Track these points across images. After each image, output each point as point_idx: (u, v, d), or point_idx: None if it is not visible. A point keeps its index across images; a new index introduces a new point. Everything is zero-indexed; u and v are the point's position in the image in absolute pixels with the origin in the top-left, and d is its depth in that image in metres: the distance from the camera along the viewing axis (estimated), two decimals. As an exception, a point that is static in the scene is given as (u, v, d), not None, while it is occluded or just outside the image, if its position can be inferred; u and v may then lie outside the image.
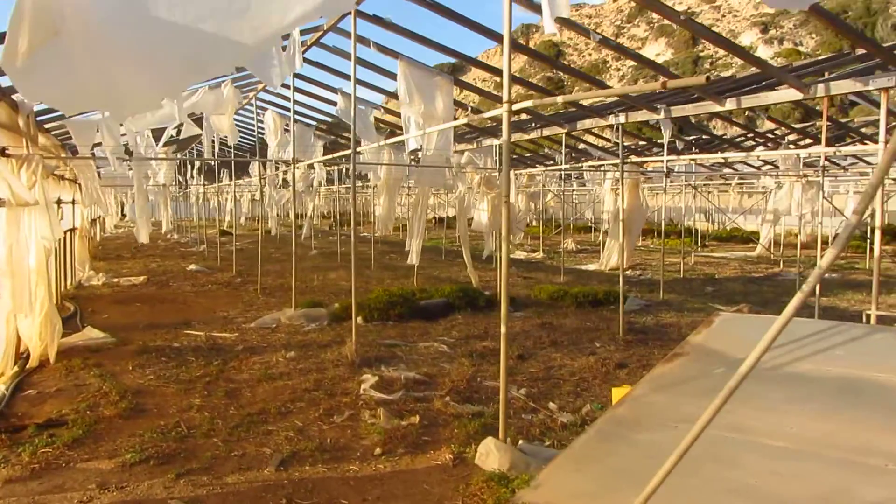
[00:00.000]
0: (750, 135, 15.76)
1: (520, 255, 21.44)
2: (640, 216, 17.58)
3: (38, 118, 7.72)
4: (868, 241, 18.08)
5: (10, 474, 4.28)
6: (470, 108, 9.66)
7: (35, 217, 6.54)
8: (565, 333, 8.70)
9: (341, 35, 7.94)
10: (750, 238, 25.25)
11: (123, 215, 36.08)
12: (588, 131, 11.66)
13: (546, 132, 9.59)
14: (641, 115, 7.71)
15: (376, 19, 7.14)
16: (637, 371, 6.92)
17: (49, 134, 9.20)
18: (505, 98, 4.05)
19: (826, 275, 16.49)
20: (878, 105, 5.89)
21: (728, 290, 13.70)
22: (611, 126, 8.54)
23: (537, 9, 5.89)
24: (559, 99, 4.49)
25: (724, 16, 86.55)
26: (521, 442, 4.75)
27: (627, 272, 17.29)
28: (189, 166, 23.55)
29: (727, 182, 23.78)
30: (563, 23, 6.08)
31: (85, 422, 5.26)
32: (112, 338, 8.42)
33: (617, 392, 5.87)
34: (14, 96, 6.21)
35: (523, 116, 10.60)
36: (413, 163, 10.87)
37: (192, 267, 16.79)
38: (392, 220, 13.93)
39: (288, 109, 13.48)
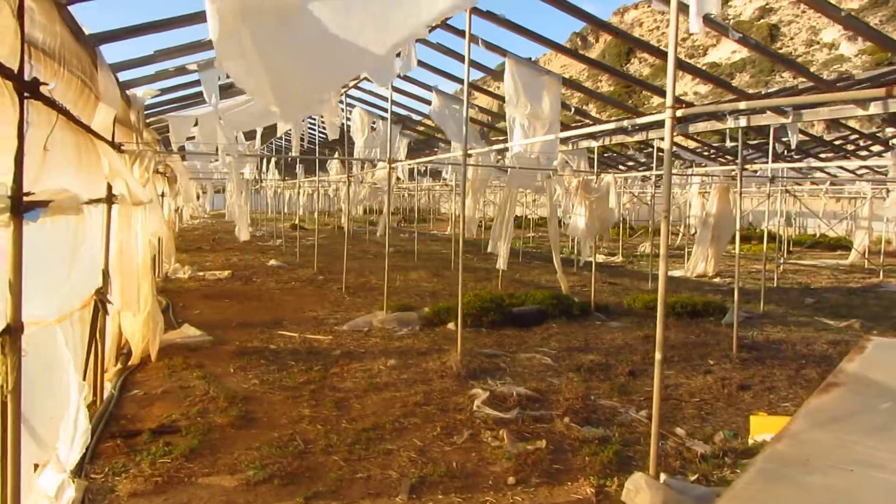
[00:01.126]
0: (853, 137, 14.92)
1: (598, 258, 20.89)
2: (730, 222, 16.87)
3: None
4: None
5: (135, 487, 4.15)
6: (573, 109, 9.29)
7: (145, 213, 6.49)
8: (673, 348, 8.25)
9: (448, 31, 7.66)
10: (838, 245, 24.10)
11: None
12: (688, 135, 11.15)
13: (654, 134, 9.14)
14: (766, 119, 7.20)
15: (490, 15, 6.84)
16: (762, 394, 6.45)
17: (150, 128, 9.22)
18: (669, 102, 3.69)
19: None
20: None
21: (829, 302, 12.94)
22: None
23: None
24: (740, 105, 4.12)
25: (804, 12, 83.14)
26: (664, 477, 4.38)
27: (716, 280, 16.65)
28: (266, 161, 23.80)
29: (818, 186, 22.68)
30: (706, 22, 5.68)
31: (198, 430, 5.13)
32: (209, 336, 8.38)
33: (756, 421, 5.45)
34: (128, 91, 6.14)
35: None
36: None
37: (273, 262, 16.85)
38: (477, 221, 13.68)
39: (376, 106, 13.39)
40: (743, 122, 7.34)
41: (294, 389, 6.32)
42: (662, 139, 12.06)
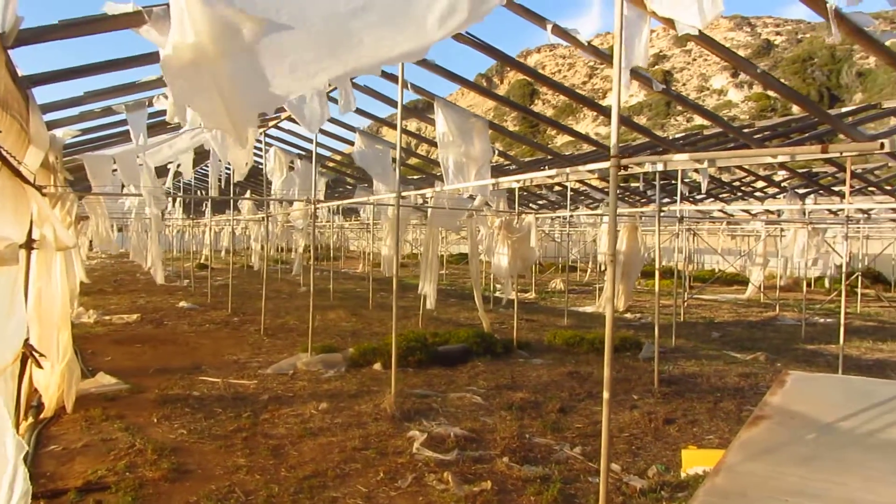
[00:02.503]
0: (748, 179, 15.92)
1: (512, 295, 21.25)
2: (639, 259, 17.64)
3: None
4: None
5: (67, 552, 3.91)
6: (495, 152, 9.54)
7: (63, 259, 6.19)
8: (597, 384, 8.48)
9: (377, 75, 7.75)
10: (734, 280, 25.47)
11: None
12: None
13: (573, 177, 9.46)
14: (683, 164, 7.60)
15: (422, 61, 6.97)
16: (686, 428, 6.72)
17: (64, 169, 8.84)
18: (613, 152, 3.88)
19: (820, 319, 16.62)
20: None
21: (734, 335, 13.63)
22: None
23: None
24: (675, 157, 4.36)
25: (694, 59, 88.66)
26: (609, 513, 4.50)
27: (626, 315, 17.25)
28: (172, 200, 23.12)
29: (716, 225, 23.97)
30: (633, 75, 6.00)
31: (129, 486, 4.88)
32: (125, 384, 8.00)
33: (687, 455, 5.66)
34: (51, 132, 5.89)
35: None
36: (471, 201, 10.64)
37: (183, 304, 16.29)
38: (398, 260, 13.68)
39: (292, 145, 13.31)
40: (660, 166, 7.73)
41: (225, 438, 6.11)
42: (579, 182, 12.51)
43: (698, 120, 73.99)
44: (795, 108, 61.25)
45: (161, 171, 12.75)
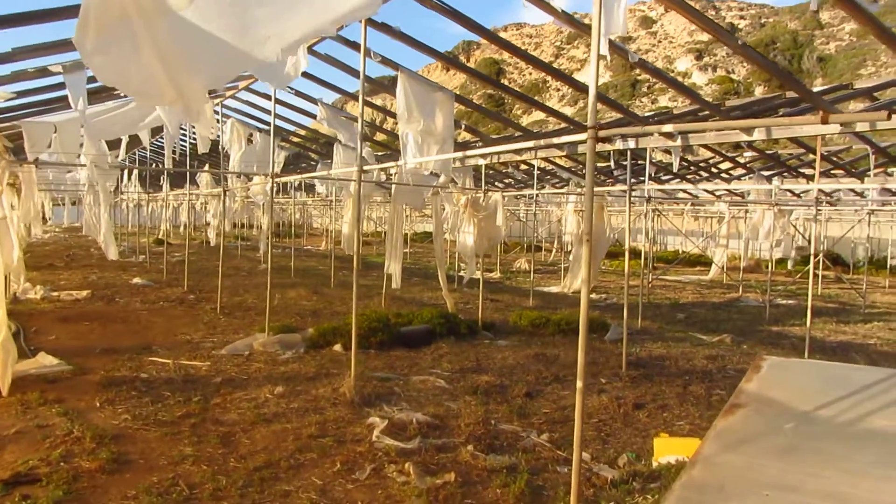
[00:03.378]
0: (714, 160, 15.85)
1: (477, 275, 21.00)
2: (605, 239, 17.47)
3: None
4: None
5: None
6: (463, 127, 9.20)
7: (-5, 232, 5.72)
8: (564, 367, 8.27)
9: (340, 42, 7.34)
10: (697, 261, 25.59)
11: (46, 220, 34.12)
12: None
13: (542, 153, 9.18)
14: (653, 142, 7.37)
15: (385, 28, 6.59)
16: (656, 413, 6.53)
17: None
18: (590, 123, 3.57)
19: (783, 301, 16.69)
20: None
21: (698, 317, 13.58)
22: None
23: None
24: (663, 128, 4.08)
25: (659, 42, 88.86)
26: (581, 507, 4.25)
27: (592, 296, 17.11)
28: (128, 173, 22.35)
29: (680, 206, 23.98)
30: (612, 47, 5.70)
31: (62, 478, 4.49)
32: (68, 365, 7.55)
33: (659, 443, 5.45)
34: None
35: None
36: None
37: (137, 280, 15.71)
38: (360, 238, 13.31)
39: (252, 118, 12.79)
40: (631, 143, 7.48)
41: (172, 424, 5.74)
42: (545, 159, 12.25)
43: (663, 101, 74.37)
44: (758, 91, 61.73)
45: (114, 143, 12.16)
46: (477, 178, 12.53)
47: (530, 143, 4.47)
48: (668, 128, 4.00)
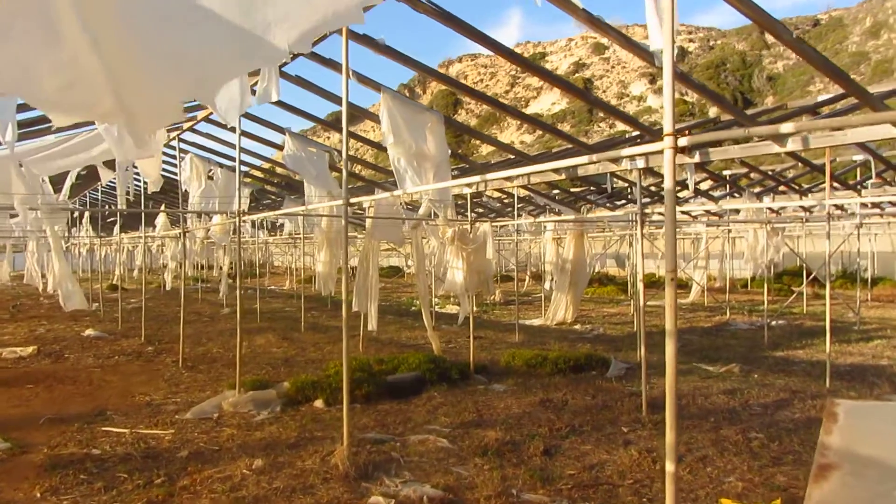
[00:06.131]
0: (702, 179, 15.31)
1: (452, 309, 20.14)
2: (586, 268, 16.80)
3: None
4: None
5: None
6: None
7: None
8: (577, 414, 7.41)
9: (314, 61, 6.49)
10: (679, 284, 25.07)
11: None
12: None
13: (535, 179, 8.42)
14: (740, 151, 6.63)
15: (368, 41, 5.77)
16: (697, 468, 5.69)
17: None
18: (668, 129, 2.77)
19: (773, 322, 16.11)
20: None
21: (695, 344, 12.87)
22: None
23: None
24: (777, 130, 3.29)
25: (613, 67, 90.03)
26: None
27: (576, 327, 16.36)
28: (79, 216, 21.08)
29: (659, 230, 23.49)
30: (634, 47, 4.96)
31: None
32: (4, 442, 6.45)
33: (726, 510, 4.62)
34: None
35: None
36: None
37: (90, 332, 14.48)
38: (335, 277, 12.38)
39: (216, 153, 11.84)
40: (640, 163, 6.76)
41: (130, 520, 4.72)
42: (520, 187, 11.49)
43: (620, 126, 74.93)
44: (712, 112, 62.61)
45: (59, 180, 11.08)
46: (458, 208, 11.73)
47: (584, 159, 3.73)
48: (787, 127, 3.18)
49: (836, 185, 12.22)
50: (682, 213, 17.75)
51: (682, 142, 2.76)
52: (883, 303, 20.72)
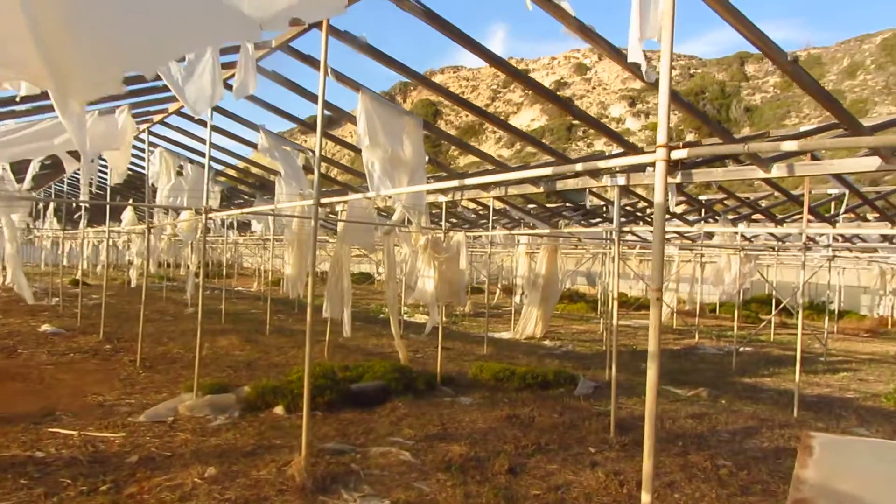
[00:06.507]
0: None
1: (421, 318, 19.92)
2: (558, 283, 16.73)
3: None
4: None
5: None
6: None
7: None
8: (543, 431, 7.25)
9: (292, 56, 6.30)
10: (641, 305, 25.13)
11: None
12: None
13: (513, 190, 8.27)
14: (648, 178, 6.56)
15: (349, 38, 5.59)
16: (666, 494, 5.56)
17: None
18: (661, 140, 2.64)
19: (741, 348, 16.14)
20: None
21: (663, 367, 12.63)
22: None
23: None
24: (779, 147, 3.16)
25: (594, 88, 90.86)
26: None
27: (545, 342, 16.26)
28: (44, 208, 20.56)
29: (631, 250, 23.54)
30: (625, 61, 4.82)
31: None
32: (-57, 441, 6.12)
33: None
34: None
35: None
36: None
37: (46, 327, 14.00)
38: (303, 280, 12.11)
39: (185, 147, 11.56)
40: (621, 180, 6.65)
41: (69, 528, 4.44)
42: (496, 198, 11.35)
43: (598, 145, 75.47)
44: (689, 138, 63.37)
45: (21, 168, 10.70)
46: (433, 217, 11.56)
47: (576, 167, 3.57)
48: (789, 145, 3.04)
49: (810, 217, 12.28)
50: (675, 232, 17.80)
51: (677, 154, 2.63)
52: (848, 336, 20.94)
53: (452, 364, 11.54)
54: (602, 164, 3.59)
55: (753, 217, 13.53)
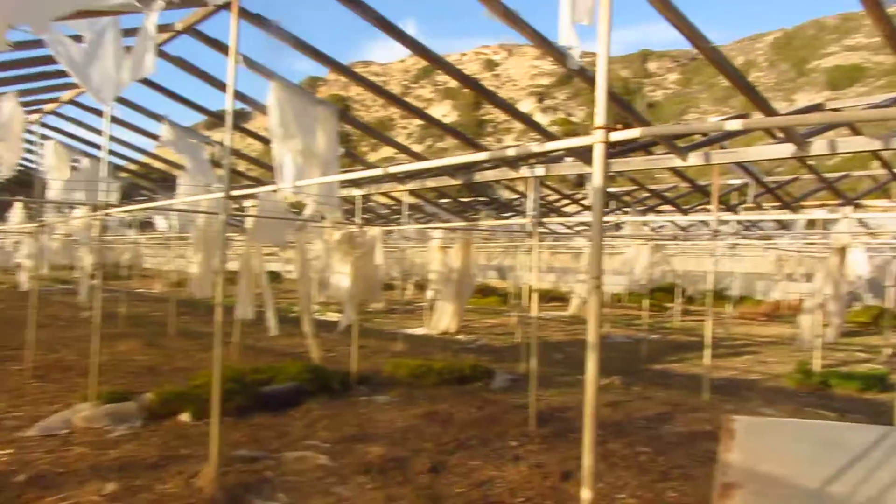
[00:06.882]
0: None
1: (333, 316, 19.53)
2: (472, 278, 16.71)
3: None
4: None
5: None
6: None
7: None
8: (464, 427, 7.13)
9: (198, 40, 5.90)
10: (551, 297, 25.56)
11: None
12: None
13: (431, 183, 8.11)
14: (566, 168, 6.53)
15: (260, 21, 5.27)
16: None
17: None
18: (599, 121, 2.53)
19: (650, 336, 16.60)
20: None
21: (576, 357, 12.86)
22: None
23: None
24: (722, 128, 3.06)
25: (503, 84, 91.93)
26: None
27: (460, 337, 16.23)
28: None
29: (541, 241, 23.82)
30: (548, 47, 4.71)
31: None
32: None
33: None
34: None
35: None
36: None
37: (-77, 336, 12.90)
38: (211, 280, 11.57)
39: (81, 140, 10.82)
40: (540, 171, 6.60)
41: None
42: (410, 192, 11.18)
43: (508, 140, 76.49)
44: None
45: None
46: (347, 213, 11.27)
47: (484, 155, 3.41)
48: (734, 124, 2.96)
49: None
50: (567, 227, 18.06)
51: (616, 135, 2.53)
52: (747, 320, 21.92)
53: (367, 362, 11.29)
54: (536, 147, 3.46)
55: (659, 208, 13.89)
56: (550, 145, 3.31)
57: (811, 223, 11.81)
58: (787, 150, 4.81)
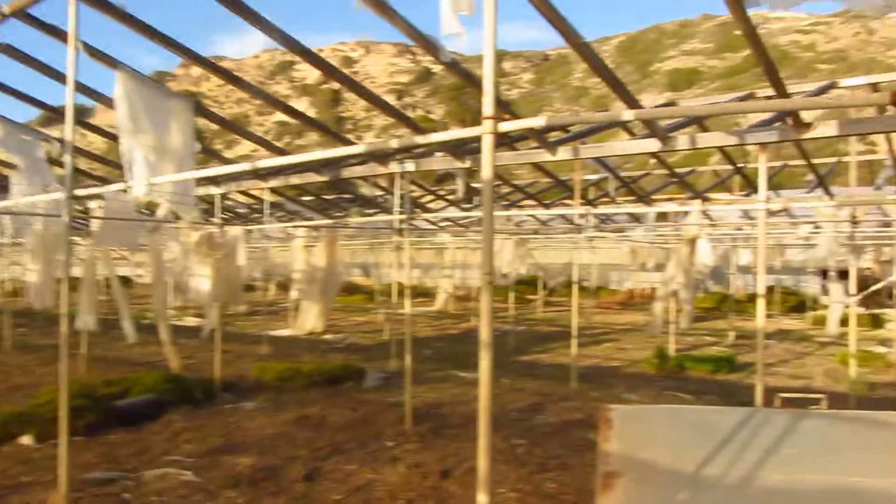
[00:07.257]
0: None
1: (191, 321, 18.58)
2: (337, 276, 16.43)
3: None
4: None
5: None
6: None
7: None
8: (337, 431, 6.94)
9: (27, 23, 5.31)
10: (418, 293, 25.69)
11: None
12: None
13: (295, 179, 7.79)
14: (436, 163, 6.47)
15: (103, 4, 4.81)
16: (467, 481, 5.50)
17: None
18: (487, 111, 2.46)
19: (511, 328, 17.00)
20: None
21: (445, 351, 13.10)
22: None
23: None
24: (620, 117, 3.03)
25: (362, 81, 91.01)
26: None
27: (327, 337, 15.92)
28: None
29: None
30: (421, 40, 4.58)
31: None
32: None
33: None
34: None
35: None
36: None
37: None
38: (53, 288, 10.62)
39: None
40: (410, 166, 6.50)
41: None
42: (271, 189, 10.80)
43: (368, 137, 76.15)
44: (454, 128, 66.72)
45: None
46: (205, 213, 10.70)
47: (360, 147, 3.23)
48: (629, 114, 2.95)
49: (572, 200, 13.13)
50: (431, 223, 18.15)
51: (504, 126, 2.48)
52: (604, 309, 22.98)
53: (232, 368, 10.78)
54: (421, 139, 3.35)
55: (521, 203, 14.24)
56: (436, 136, 3.22)
57: (661, 216, 12.47)
58: (653, 145, 4.97)
